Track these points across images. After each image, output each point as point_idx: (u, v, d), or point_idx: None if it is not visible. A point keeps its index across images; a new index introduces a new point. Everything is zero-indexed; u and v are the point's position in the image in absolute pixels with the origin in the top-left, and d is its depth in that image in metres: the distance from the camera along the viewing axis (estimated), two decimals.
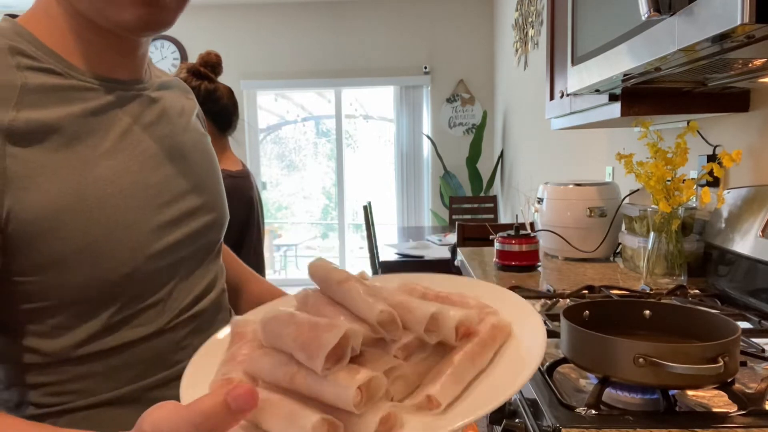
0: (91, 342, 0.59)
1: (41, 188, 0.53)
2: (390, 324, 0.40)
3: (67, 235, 0.54)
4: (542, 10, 3.37)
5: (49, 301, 0.56)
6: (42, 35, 0.58)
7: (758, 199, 1.19)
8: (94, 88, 0.60)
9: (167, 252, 0.63)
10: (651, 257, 1.29)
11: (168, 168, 0.65)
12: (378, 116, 5.96)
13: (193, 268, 0.68)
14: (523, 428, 0.77)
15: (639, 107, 1.31)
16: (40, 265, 0.54)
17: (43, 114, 0.55)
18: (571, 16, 1.37)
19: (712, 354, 0.67)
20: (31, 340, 0.57)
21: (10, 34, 0.57)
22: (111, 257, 0.57)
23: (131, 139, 0.62)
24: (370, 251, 3.68)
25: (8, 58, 0.55)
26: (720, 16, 0.68)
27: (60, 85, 0.58)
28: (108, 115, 0.61)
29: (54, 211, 0.54)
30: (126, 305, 0.60)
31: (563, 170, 3.08)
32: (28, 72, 0.56)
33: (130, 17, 0.57)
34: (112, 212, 0.58)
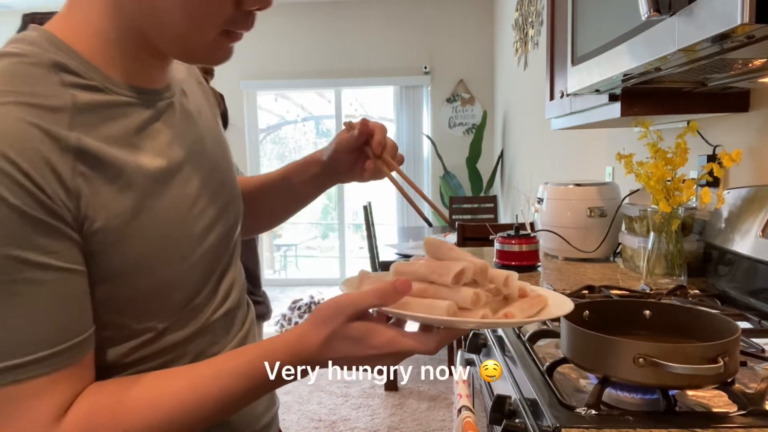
0: (139, 350, 0.61)
1: (105, 206, 0.55)
2: (483, 272, 0.60)
3: (126, 249, 0.56)
4: (542, 10, 3.37)
5: (106, 314, 0.57)
6: (79, 46, 0.57)
7: (758, 199, 1.19)
8: (134, 103, 0.60)
9: (205, 257, 0.66)
10: (651, 257, 1.29)
11: (199, 175, 0.67)
12: (378, 116, 5.96)
13: (223, 268, 0.71)
14: (523, 428, 0.77)
15: (639, 107, 1.31)
16: (99, 279, 0.56)
17: (96, 134, 0.55)
18: (571, 16, 1.37)
19: (712, 354, 0.67)
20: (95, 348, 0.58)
21: (47, 46, 0.55)
22: (162, 268, 0.60)
23: (170, 152, 0.63)
24: (370, 251, 3.68)
25: (52, 75, 0.54)
26: (720, 16, 0.68)
27: (105, 102, 0.57)
28: (148, 130, 0.61)
29: (115, 227, 0.55)
30: (172, 312, 0.62)
31: (563, 170, 3.08)
32: (74, 90, 0.55)
33: (222, 55, 0.61)
34: (161, 225, 0.60)
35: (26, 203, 0.49)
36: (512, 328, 1.05)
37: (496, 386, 1.03)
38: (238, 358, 0.58)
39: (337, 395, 3.19)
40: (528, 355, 0.91)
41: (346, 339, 0.55)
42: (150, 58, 0.61)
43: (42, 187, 0.50)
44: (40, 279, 0.50)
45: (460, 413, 1.00)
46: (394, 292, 0.55)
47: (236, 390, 0.56)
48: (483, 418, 1.11)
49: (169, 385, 0.56)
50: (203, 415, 0.56)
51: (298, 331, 0.57)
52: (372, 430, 2.81)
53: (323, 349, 0.56)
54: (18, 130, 0.49)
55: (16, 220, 0.49)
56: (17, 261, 0.49)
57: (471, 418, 0.97)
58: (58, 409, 0.52)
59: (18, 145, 0.49)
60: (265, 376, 0.56)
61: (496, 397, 0.88)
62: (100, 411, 0.53)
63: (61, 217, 0.51)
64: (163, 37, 0.58)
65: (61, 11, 0.59)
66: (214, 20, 0.57)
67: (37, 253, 0.50)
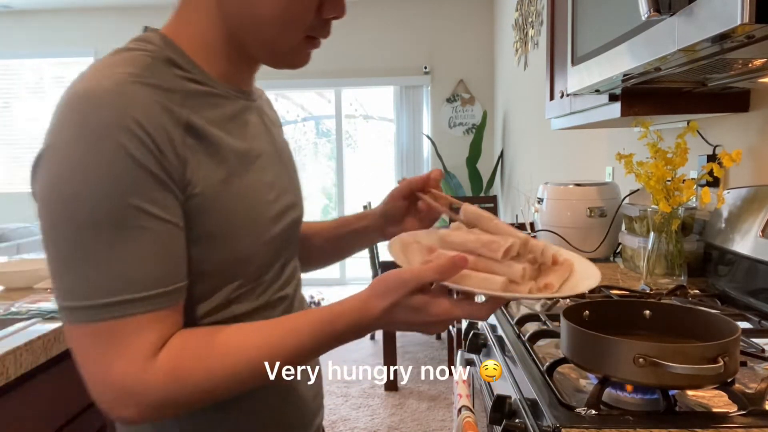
0: (211, 315, 0.68)
1: (204, 175, 0.63)
2: (525, 246, 0.66)
3: (217, 216, 0.65)
4: (542, 10, 3.37)
5: (196, 273, 0.65)
6: (186, 48, 0.67)
7: (758, 199, 1.19)
8: (229, 97, 0.70)
9: (275, 240, 0.74)
10: (651, 257, 1.29)
11: (274, 168, 0.76)
12: (378, 116, 5.96)
13: (288, 256, 0.79)
14: (523, 428, 0.77)
15: (639, 107, 1.31)
16: (196, 238, 0.64)
17: (200, 115, 0.65)
18: (571, 16, 1.37)
19: (712, 354, 0.67)
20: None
21: (162, 45, 0.66)
22: (242, 239, 0.68)
23: (254, 143, 0.73)
24: (370, 251, 3.68)
25: (167, 68, 0.64)
26: (720, 16, 0.68)
27: (205, 91, 0.67)
28: (237, 120, 0.71)
29: (210, 195, 0.64)
30: (243, 283, 0.70)
31: (563, 170, 3.08)
32: (183, 80, 0.65)
33: (303, 60, 0.71)
34: (245, 201, 0.68)
35: (149, 161, 0.57)
36: (512, 328, 1.05)
37: (496, 386, 1.03)
38: (309, 317, 0.64)
39: (337, 395, 3.19)
40: (528, 355, 0.91)
41: (407, 308, 0.61)
42: (242, 62, 0.72)
43: (162, 150, 0.59)
44: (152, 228, 0.58)
45: (460, 413, 1.00)
46: (452, 267, 0.61)
47: (307, 344, 0.63)
48: (483, 418, 1.11)
49: (249, 335, 0.62)
50: (276, 364, 0.62)
51: (361, 297, 0.63)
52: (372, 430, 2.81)
53: (384, 316, 0.62)
54: (146, 104, 0.59)
55: (140, 174, 0.57)
56: (137, 209, 0.57)
57: (471, 418, 0.97)
58: (154, 346, 0.58)
59: (146, 114, 0.58)
60: (331, 335, 0.63)
61: (496, 397, 0.88)
62: (189, 351, 0.60)
63: (172, 178, 0.60)
64: (257, 42, 0.68)
65: (172, 17, 0.70)
66: (298, 26, 0.67)
67: (152, 205, 0.58)
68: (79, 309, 0.56)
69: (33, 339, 1.11)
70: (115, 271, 0.56)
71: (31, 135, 5.80)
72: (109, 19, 5.57)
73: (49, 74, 5.76)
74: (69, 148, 0.56)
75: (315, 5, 0.67)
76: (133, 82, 0.59)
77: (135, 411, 0.58)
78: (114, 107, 0.57)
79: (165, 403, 0.58)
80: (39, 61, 5.70)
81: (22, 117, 5.79)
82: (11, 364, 1.04)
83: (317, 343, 0.63)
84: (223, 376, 0.60)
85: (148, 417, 0.59)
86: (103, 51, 5.56)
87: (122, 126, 0.56)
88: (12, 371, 1.05)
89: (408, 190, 0.87)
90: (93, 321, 0.56)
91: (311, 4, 0.67)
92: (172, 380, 0.58)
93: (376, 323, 0.63)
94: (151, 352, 0.58)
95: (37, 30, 5.60)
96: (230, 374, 0.60)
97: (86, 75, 0.60)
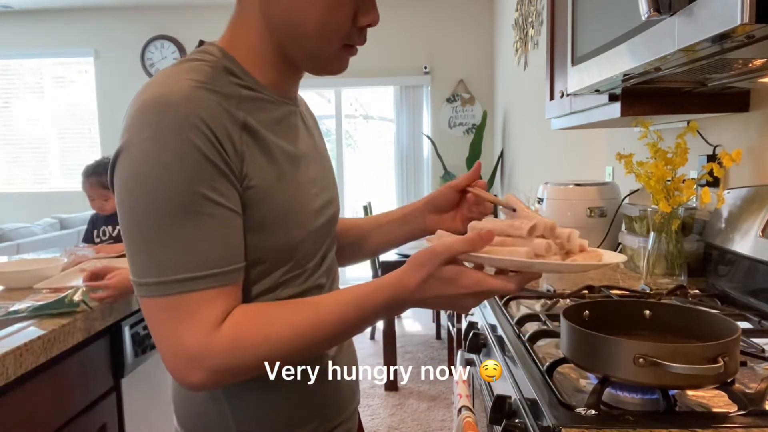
0: (262, 296, 0.75)
1: (258, 170, 0.71)
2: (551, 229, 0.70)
3: (269, 207, 0.72)
4: (542, 10, 3.37)
5: (251, 257, 0.72)
6: (239, 58, 0.75)
7: (758, 199, 1.19)
8: (276, 102, 0.78)
9: (318, 231, 0.81)
10: (651, 257, 1.29)
11: (316, 167, 0.84)
12: (378, 116, 5.96)
13: (327, 248, 0.86)
14: (523, 428, 0.77)
15: (639, 107, 1.31)
16: (251, 226, 0.71)
17: (253, 117, 0.73)
18: (571, 16, 1.37)
19: (712, 354, 0.67)
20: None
21: (220, 56, 0.74)
22: (292, 227, 0.75)
23: (298, 144, 0.80)
24: None
25: (224, 75, 0.73)
26: (720, 16, 0.68)
27: (256, 97, 0.75)
28: (284, 123, 0.79)
29: (264, 188, 0.71)
30: (290, 269, 0.77)
31: (563, 170, 3.08)
32: (238, 87, 0.73)
33: (342, 66, 0.78)
34: (293, 194, 0.76)
35: (214, 155, 0.65)
36: (512, 328, 1.05)
37: (496, 386, 1.03)
38: (352, 291, 0.69)
39: None
40: (528, 355, 0.91)
41: (440, 279, 0.66)
42: (288, 70, 0.79)
43: (224, 145, 0.67)
44: (217, 214, 0.66)
45: (460, 413, 1.00)
46: (480, 240, 0.65)
47: (351, 317, 0.68)
48: (483, 418, 1.11)
49: (300, 308, 0.69)
50: (324, 334, 0.68)
51: (397, 273, 0.68)
52: (372, 430, 2.81)
53: (419, 288, 0.66)
54: (211, 107, 0.67)
55: (207, 165, 0.65)
56: (204, 197, 0.65)
57: (471, 418, 0.97)
58: (218, 318, 0.65)
59: (210, 115, 0.66)
60: (371, 309, 0.68)
61: (496, 397, 0.88)
62: (248, 321, 0.66)
63: (232, 170, 0.68)
64: (300, 51, 0.75)
65: (225, 32, 0.78)
66: (338, 36, 0.74)
67: (216, 193, 0.66)
68: (153, 284, 0.64)
69: (33, 339, 1.11)
70: (185, 251, 0.64)
71: (31, 135, 5.80)
72: (109, 19, 5.57)
73: (49, 74, 5.75)
74: (147, 144, 0.64)
75: (351, 16, 0.74)
76: (198, 88, 0.68)
77: (203, 375, 0.64)
78: (184, 109, 0.65)
79: (229, 367, 0.65)
80: (39, 61, 5.70)
81: (22, 117, 5.79)
82: (11, 364, 1.04)
83: (359, 316, 0.68)
84: (279, 342, 0.66)
85: (215, 382, 0.65)
86: (103, 51, 5.58)
87: (191, 124, 0.64)
88: (12, 371, 1.05)
89: (464, 185, 0.95)
90: (165, 295, 0.64)
91: (348, 15, 0.73)
92: (234, 347, 0.64)
93: (411, 297, 0.67)
94: (216, 323, 0.65)
95: (37, 30, 5.60)
96: (284, 342, 0.66)
97: (157, 82, 0.68)
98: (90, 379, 1.35)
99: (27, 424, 1.12)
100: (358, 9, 0.74)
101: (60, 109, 5.77)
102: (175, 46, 5.49)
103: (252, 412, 0.78)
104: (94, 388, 1.37)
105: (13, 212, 5.71)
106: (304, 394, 0.80)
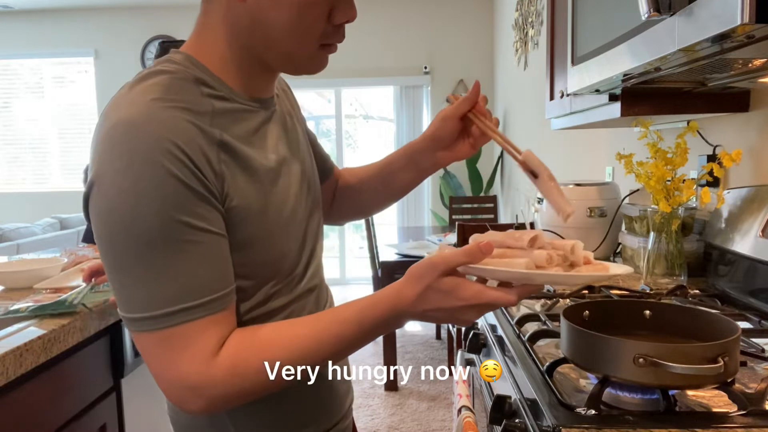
0: (254, 310, 0.74)
1: (239, 188, 0.69)
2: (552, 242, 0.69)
3: (254, 224, 0.70)
4: (542, 10, 3.37)
5: (238, 275, 0.70)
6: (209, 65, 0.71)
7: (758, 199, 1.19)
8: (251, 109, 0.74)
9: (305, 237, 0.80)
10: (651, 257, 1.29)
11: (297, 169, 0.81)
12: (378, 116, 5.96)
13: (312, 249, 0.84)
14: (523, 428, 0.77)
15: (639, 107, 1.31)
16: (236, 244, 0.69)
17: (229, 132, 0.69)
18: (571, 16, 1.37)
19: (712, 354, 0.67)
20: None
21: (189, 65, 0.70)
22: (279, 243, 0.74)
23: (278, 149, 0.77)
24: (370, 251, 3.68)
25: (195, 87, 0.68)
26: (720, 16, 0.68)
27: (231, 108, 0.71)
28: (262, 131, 0.75)
29: (246, 206, 0.69)
30: (279, 280, 0.75)
31: (563, 170, 3.08)
32: (210, 99, 0.69)
33: (321, 66, 0.74)
34: (278, 208, 0.74)
35: (191, 180, 0.62)
36: (513, 328, 1.05)
37: (496, 386, 1.03)
38: (351, 307, 0.68)
39: None
40: (528, 355, 0.91)
41: (438, 291, 0.64)
42: (261, 72, 0.74)
43: (201, 169, 0.64)
44: (201, 240, 0.63)
45: (460, 413, 1.00)
46: (478, 251, 0.63)
47: (351, 334, 0.67)
48: (483, 418, 1.11)
49: (298, 329, 0.68)
50: (323, 353, 0.67)
51: (396, 286, 0.66)
52: (372, 430, 2.81)
53: (418, 301, 0.64)
54: (184, 128, 0.63)
55: (185, 192, 0.62)
56: (185, 225, 0.62)
57: (471, 418, 0.97)
58: (216, 345, 0.64)
59: (184, 137, 0.63)
60: (371, 323, 0.67)
61: (496, 397, 0.88)
62: (246, 347, 0.65)
63: (212, 193, 0.65)
64: (273, 54, 0.71)
65: (191, 37, 0.73)
66: (312, 36, 0.70)
67: (198, 219, 0.63)
68: (142, 319, 0.62)
69: (33, 339, 1.11)
70: (172, 282, 0.62)
71: (31, 135, 5.81)
72: (109, 19, 5.57)
73: (49, 74, 5.76)
74: (120, 177, 0.60)
75: (325, 14, 0.69)
76: (168, 108, 0.64)
77: (203, 403, 0.64)
78: (154, 135, 0.61)
79: (229, 394, 0.64)
80: (39, 61, 5.71)
81: (22, 117, 5.79)
82: (11, 364, 1.04)
83: (359, 332, 0.67)
84: (278, 366, 0.65)
85: (216, 407, 0.65)
86: (103, 51, 5.58)
87: (164, 150, 0.61)
88: (12, 371, 1.05)
89: (463, 111, 0.88)
90: (157, 329, 0.62)
91: (321, 14, 0.69)
92: (233, 374, 0.64)
93: (410, 310, 0.65)
94: (213, 352, 0.64)
95: (37, 30, 5.60)
96: (283, 364, 0.65)
97: (122, 104, 0.64)
98: (90, 379, 1.35)
99: (27, 424, 1.12)
100: (333, 6, 0.70)
101: (60, 109, 5.78)
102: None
103: (250, 416, 0.77)
104: (94, 388, 1.37)
105: (13, 212, 5.71)
106: (303, 398, 0.80)
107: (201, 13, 0.73)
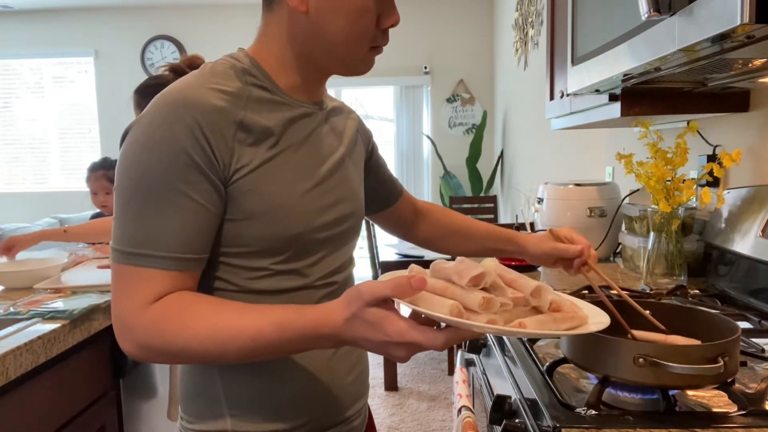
0: (259, 279, 0.78)
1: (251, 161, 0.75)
2: (512, 282, 0.66)
3: (257, 198, 0.75)
4: (542, 10, 3.37)
5: (243, 244, 0.76)
6: (263, 63, 0.81)
7: (758, 199, 1.19)
8: (292, 105, 0.82)
9: (324, 229, 0.82)
10: (651, 257, 1.29)
11: (328, 166, 0.85)
12: (378, 116, 5.96)
13: (336, 248, 0.86)
14: (523, 428, 0.77)
15: (639, 107, 1.31)
16: (241, 216, 0.75)
17: (258, 116, 0.76)
18: (571, 16, 1.37)
19: (712, 354, 0.67)
20: (226, 273, 0.78)
21: (245, 60, 0.80)
22: (288, 220, 0.77)
23: (310, 141, 0.83)
24: (370, 251, 3.68)
25: (242, 76, 0.78)
26: (720, 16, 0.68)
27: (269, 98, 0.79)
28: (299, 123, 0.82)
29: (253, 180, 0.75)
30: (287, 259, 0.79)
31: (563, 170, 3.08)
32: (252, 87, 0.78)
33: (369, 66, 0.82)
34: (292, 187, 0.78)
35: (198, 155, 0.70)
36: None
37: (496, 386, 1.03)
38: (281, 309, 0.68)
39: None
40: (528, 355, 0.91)
41: (364, 321, 0.62)
42: (312, 74, 0.83)
43: (212, 147, 0.71)
44: (182, 205, 0.70)
45: (460, 413, 1.00)
46: (408, 286, 0.60)
47: (269, 333, 0.67)
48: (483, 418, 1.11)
49: (226, 310, 0.69)
50: (240, 344, 0.67)
51: (328, 305, 0.66)
52: None
53: (344, 327, 0.64)
54: (209, 108, 0.72)
55: (188, 163, 0.70)
56: (180, 192, 0.70)
57: (471, 418, 0.97)
58: (153, 297, 0.69)
59: (206, 117, 0.71)
60: (294, 332, 0.66)
61: (496, 397, 0.88)
62: (172, 309, 0.69)
63: (215, 170, 0.72)
64: (330, 58, 0.80)
65: (255, 41, 0.83)
66: (364, 40, 0.78)
67: (193, 191, 0.70)
68: (116, 251, 0.71)
69: (33, 339, 1.11)
70: (142, 228, 0.69)
71: (31, 135, 5.80)
72: (109, 19, 5.57)
73: (49, 74, 5.75)
74: (144, 133, 0.70)
75: (375, 20, 0.78)
76: (204, 88, 0.73)
77: (130, 345, 0.69)
78: (183, 108, 0.71)
79: (149, 346, 0.69)
80: (39, 61, 5.70)
81: (22, 117, 5.79)
82: (11, 364, 1.04)
83: (278, 335, 0.66)
84: (193, 337, 0.67)
85: (140, 355, 0.70)
86: (103, 51, 5.58)
87: (186, 126, 0.70)
88: (12, 371, 1.05)
89: (562, 259, 1.04)
90: (119, 263, 0.70)
91: (372, 20, 0.77)
92: (154, 329, 0.68)
93: (339, 334, 0.64)
94: (149, 301, 0.69)
95: (37, 30, 5.60)
96: (198, 338, 0.67)
97: (183, 79, 0.75)
98: (90, 379, 1.35)
99: (27, 424, 1.12)
100: (381, 12, 0.78)
101: (60, 109, 5.77)
102: (175, 46, 5.48)
103: (244, 395, 0.79)
104: (93, 388, 1.37)
105: (13, 212, 5.71)
106: (298, 387, 0.80)
107: (262, 24, 0.82)
